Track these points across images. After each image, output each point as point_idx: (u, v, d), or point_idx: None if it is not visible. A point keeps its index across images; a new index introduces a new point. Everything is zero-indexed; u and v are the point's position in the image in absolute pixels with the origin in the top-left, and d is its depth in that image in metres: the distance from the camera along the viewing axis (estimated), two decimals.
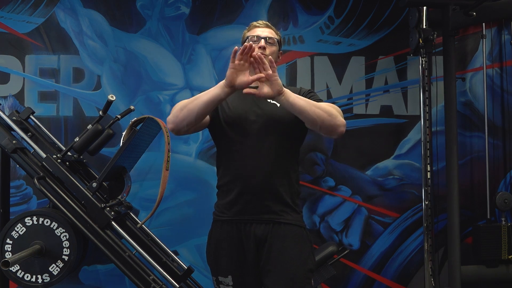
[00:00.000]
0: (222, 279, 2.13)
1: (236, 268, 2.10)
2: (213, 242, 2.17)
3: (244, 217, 2.09)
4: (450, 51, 3.54)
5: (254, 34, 2.16)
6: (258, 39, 2.13)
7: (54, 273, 2.74)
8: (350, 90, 3.74)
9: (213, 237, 2.18)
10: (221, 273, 2.13)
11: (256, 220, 2.09)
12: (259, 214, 2.09)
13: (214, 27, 3.69)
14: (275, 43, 2.17)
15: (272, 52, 2.15)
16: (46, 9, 3.62)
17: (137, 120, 2.76)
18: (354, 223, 3.70)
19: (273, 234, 2.08)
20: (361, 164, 3.71)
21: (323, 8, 3.75)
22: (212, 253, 2.17)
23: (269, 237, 2.08)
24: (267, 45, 2.13)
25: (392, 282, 3.70)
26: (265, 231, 2.08)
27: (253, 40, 2.14)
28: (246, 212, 2.09)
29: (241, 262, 2.10)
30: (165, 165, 2.62)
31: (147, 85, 3.64)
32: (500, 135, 3.79)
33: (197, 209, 3.60)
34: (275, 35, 2.20)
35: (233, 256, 2.10)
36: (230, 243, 2.11)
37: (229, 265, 2.11)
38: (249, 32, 2.20)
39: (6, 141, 2.84)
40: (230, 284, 2.11)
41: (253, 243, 2.08)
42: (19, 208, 3.48)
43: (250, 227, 2.09)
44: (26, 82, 3.61)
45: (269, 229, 2.08)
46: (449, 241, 3.51)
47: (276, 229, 2.08)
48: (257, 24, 2.21)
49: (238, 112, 2.12)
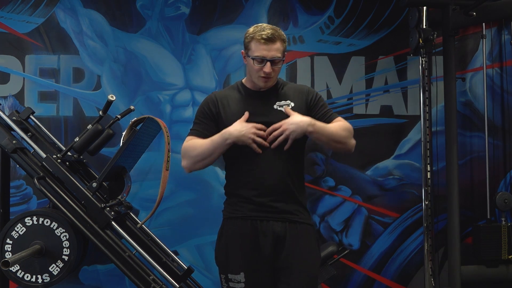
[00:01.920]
0: (233, 276, 2.11)
1: (250, 265, 2.10)
2: (224, 239, 2.17)
3: (260, 215, 2.11)
4: (450, 51, 3.54)
5: (259, 54, 2.09)
6: (263, 63, 2.10)
7: (54, 273, 2.74)
8: (350, 90, 3.74)
9: (224, 234, 2.18)
10: (232, 270, 2.12)
11: (272, 218, 2.11)
12: (274, 213, 2.11)
13: (214, 27, 3.69)
14: (281, 60, 2.14)
15: (278, 70, 2.15)
16: (46, 9, 3.61)
17: (137, 120, 2.76)
18: (354, 223, 3.70)
19: (292, 233, 2.11)
20: (361, 164, 3.71)
21: (323, 8, 3.75)
22: (223, 250, 2.16)
23: (288, 235, 2.10)
24: (273, 67, 2.11)
25: (392, 282, 3.70)
26: (283, 228, 2.11)
27: (258, 60, 2.10)
28: (261, 211, 2.11)
29: (255, 258, 2.09)
30: (165, 165, 2.63)
31: (147, 85, 3.64)
32: (500, 135, 3.79)
33: (197, 209, 3.60)
34: (280, 47, 2.12)
35: (247, 253, 2.10)
36: (244, 240, 2.11)
37: (242, 261, 2.10)
38: (254, 46, 2.10)
39: (6, 141, 2.84)
40: (241, 281, 2.09)
41: (271, 239, 2.09)
42: (19, 208, 3.48)
43: (267, 223, 2.10)
44: (26, 82, 3.61)
45: (286, 227, 2.11)
46: (449, 241, 3.51)
47: (292, 228, 2.12)
48: (261, 40, 2.08)
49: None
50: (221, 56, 3.68)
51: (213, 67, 3.67)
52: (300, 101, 2.19)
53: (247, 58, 2.15)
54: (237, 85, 2.26)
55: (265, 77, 2.11)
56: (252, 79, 2.17)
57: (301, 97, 2.20)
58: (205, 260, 3.57)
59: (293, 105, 2.17)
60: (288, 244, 2.10)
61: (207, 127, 2.17)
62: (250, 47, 2.12)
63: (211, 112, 2.18)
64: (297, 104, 2.17)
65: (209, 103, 2.20)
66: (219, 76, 3.65)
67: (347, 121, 2.22)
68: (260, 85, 2.15)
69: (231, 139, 2.07)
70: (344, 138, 2.15)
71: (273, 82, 2.18)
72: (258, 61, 2.09)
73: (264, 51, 2.08)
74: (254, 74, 2.14)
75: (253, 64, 2.11)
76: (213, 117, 2.18)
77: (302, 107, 2.17)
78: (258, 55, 2.09)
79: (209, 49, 3.69)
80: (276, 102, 2.17)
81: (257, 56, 2.09)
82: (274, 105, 2.16)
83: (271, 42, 2.08)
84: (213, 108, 2.18)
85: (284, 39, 2.15)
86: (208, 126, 2.17)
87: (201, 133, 2.17)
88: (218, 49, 3.69)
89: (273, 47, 2.09)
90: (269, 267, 2.11)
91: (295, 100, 2.19)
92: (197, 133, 2.18)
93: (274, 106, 2.16)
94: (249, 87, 2.21)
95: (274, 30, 2.11)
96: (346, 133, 2.16)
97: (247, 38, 2.13)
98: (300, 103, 2.18)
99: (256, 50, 2.09)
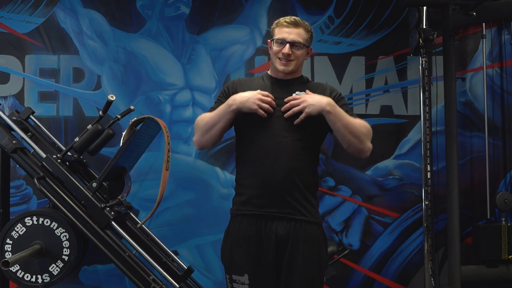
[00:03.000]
0: (237, 278, 2.10)
1: (254, 267, 2.09)
2: (229, 239, 2.16)
3: (265, 211, 2.09)
4: (450, 51, 3.54)
5: (280, 36, 2.13)
6: (284, 43, 2.12)
7: (54, 273, 2.74)
8: (350, 90, 3.74)
9: (230, 234, 2.17)
10: (237, 272, 2.11)
11: (277, 217, 2.08)
12: (280, 208, 2.08)
13: (214, 27, 3.69)
14: (302, 47, 2.14)
15: (299, 56, 2.15)
16: (46, 9, 3.61)
17: (137, 120, 2.76)
18: (354, 223, 3.70)
19: (295, 235, 2.08)
20: (361, 164, 3.71)
21: (323, 8, 3.75)
22: (228, 251, 2.16)
23: (291, 238, 2.08)
24: (293, 50, 2.12)
25: (392, 282, 3.70)
26: (287, 230, 2.08)
27: (278, 42, 2.13)
28: (267, 206, 2.08)
29: (259, 261, 2.08)
30: (165, 165, 2.63)
31: (147, 85, 3.64)
32: (500, 135, 3.79)
33: (197, 209, 3.60)
34: (304, 35, 2.14)
35: (251, 254, 2.09)
36: (248, 241, 2.10)
37: (246, 263, 2.09)
38: (277, 30, 2.15)
39: (6, 141, 2.84)
40: (245, 283, 2.08)
41: (274, 242, 2.08)
42: (19, 208, 3.48)
43: (271, 225, 2.08)
44: (26, 82, 3.61)
45: (290, 228, 2.08)
46: (449, 241, 3.51)
47: (297, 229, 2.09)
48: (284, 23, 2.14)
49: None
50: (221, 56, 3.68)
51: (213, 67, 3.67)
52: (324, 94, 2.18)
53: (271, 44, 2.17)
54: (262, 76, 2.29)
55: (284, 60, 2.12)
56: (273, 65, 2.19)
57: (323, 93, 2.20)
58: (205, 260, 3.57)
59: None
60: (290, 247, 2.08)
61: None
62: (274, 32, 2.17)
63: (229, 93, 2.20)
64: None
65: (232, 84, 2.25)
66: (219, 76, 3.65)
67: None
68: (279, 69, 2.15)
69: (235, 105, 2.07)
70: (362, 135, 2.11)
71: (294, 68, 2.17)
72: (278, 43, 2.12)
73: (285, 33, 2.12)
74: (274, 58, 2.16)
75: (273, 46, 2.15)
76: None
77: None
78: (279, 37, 2.12)
79: (209, 49, 3.69)
80: (296, 90, 2.17)
81: (278, 38, 2.13)
82: (293, 94, 2.15)
83: (294, 26, 2.13)
84: (232, 90, 2.21)
85: (310, 29, 2.18)
86: None
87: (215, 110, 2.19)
88: (218, 49, 3.69)
89: (295, 31, 2.12)
90: (273, 269, 2.09)
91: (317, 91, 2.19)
92: (211, 110, 2.21)
93: (294, 94, 2.15)
94: (273, 76, 2.23)
95: (300, 19, 2.16)
96: (365, 131, 2.13)
97: (273, 25, 2.19)
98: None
99: (278, 33, 2.14)
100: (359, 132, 2.10)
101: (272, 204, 2.08)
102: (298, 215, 2.10)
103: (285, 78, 2.21)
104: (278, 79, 2.21)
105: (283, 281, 2.09)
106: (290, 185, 2.08)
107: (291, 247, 2.08)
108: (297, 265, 2.07)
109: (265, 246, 2.08)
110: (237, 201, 2.19)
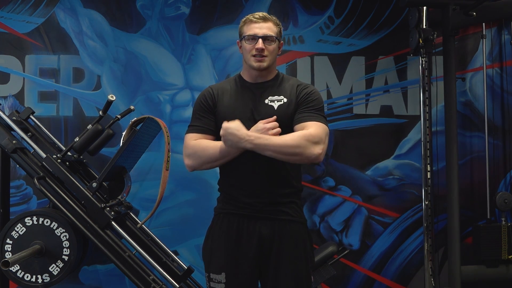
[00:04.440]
0: (214, 276, 2.09)
1: (232, 266, 2.07)
2: (210, 237, 2.15)
3: (248, 211, 2.08)
4: (450, 51, 3.54)
5: (251, 32, 2.08)
6: (255, 39, 2.08)
7: (54, 273, 2.74)
8: (350, 90, 3.74)
9: (211, 232, 2.16)
10: (214, 270, 2.10)
11: (260, 217, 2.07)
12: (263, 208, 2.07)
13: (214, 27, 3.69)
14: (274, 40, 2.10)
15: (272, 50, 2.10)
16: (46, 9, 3.61)
17: (137, 120, 2.76)
18: (354, 223, 3.70)
19: (278, 234, 2.07)
20: (361, 164, 3.71)
21: (323, 8, 3.75)
22: (208, 249, 2.15)
23: (276, 237, 2.06)
24: (266, 45, 2.08)
25: (392, 282, 3.70)
26: (271, 229, 2.07)
27: (250, 39, 2.09)
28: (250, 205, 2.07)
29: (237, 260, 2.07)
30: (165, 165, 2.63)
31: (147, 85, 3.64)
32: (500, 135, 3.79)
33: (197, 209, 3.60)
34: (274, 28, 2.11)
35: (229, 254, 2.08)
36: (228, 239, 2.09)
37: (224, 262, 2.08)
38: (246, 27, 2.12)
39: (6, 141, 2.85)
40: (222, 281, 2.07)
41: (256, 241, 2.06)
42: (19, 208, 3.48)
43: (254, 225, 2.07)
44: (26, 82, 3.61)
45: (274, 227, 2.07)
46: (449, 241, 3.51)
47: (281, 228, 2.07)
48: (253, 19, 2.11)
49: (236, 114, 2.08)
50: (221, 56, 3.68)
51: (213, 67, 3.67)
52: (292, 97, 2.12)
53: (241, 43, 2.14)
54: (234, 78, 2.22)
55: (258, 56, 2.07)
56: (247, 64, 2.12)
57: (294, 93, 2.12)
58: None
59: (285, 101, 2.10)
60: (275, 247, 2.06)
61: (207, 121, 2.13)
62: (242, 30, 2.13)
63: (209, 105, 2.14)
64: (289, 100, 2.11)
65: (206, 96, 2.16)
66: (219, 76, 3.65)
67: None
68: (255, 66, 2.08)
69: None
70: (294, 149, 1.95)
71: (267, 62, 2.09)
72: (250, 40, 2.08)
73: (256, 29, 2.08)
74: (247, 56, 2.10)
75: (245, 44, 2.09)
76: (211, 110, 2.13)
77: (292, 102, 2.11)
78: (250, 33, 2.08)
79: (209, 49, 3.69)
80: (269, 96, 2.12)
81: (248, 34, 2.08)
82: (266, 100, 2.11)
83: (263, 21, 2.10)
84: (210, 102, 2.14)
85: (278, 23, 2.14)
86: (208, 120, 2.13)
87: (203, 129, 2.13)
88: (218, 49, 3.69)
89: (265, 25, 2.09)
90: (253, 270, 2.07)
91: (289, 95, 2.12)
92: (198, 130, 2.14)
93: (266, 101, 2.11)
94: (245, 79, 2.17)
95: (267, 14, 2.13)
96: (300, 143, 1.96)
97: (241, 24, 2.15)
98: (292, 98, 2.11)
99: (248, 30, 2.10)
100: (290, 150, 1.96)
101: (255, 204, 2.07)
102: (282, 215, 2.09)
103: (258, 81, 2.14)
104: (251, 83, 2.15)
105: (269, 282, 2.08)
106: (273, 187, 2.08)
107: (276, 247, 2.06)
108: (283, 265, 2.06)
109: (246, 246, 2.07)
110: (221, 200, 2.18)
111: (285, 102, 2.10)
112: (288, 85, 2.16)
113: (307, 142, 1.97)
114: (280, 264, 2.06)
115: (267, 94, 2.12)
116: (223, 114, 2.10)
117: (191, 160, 2.11)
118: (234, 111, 2.09)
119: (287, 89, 2.14)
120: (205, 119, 2.14)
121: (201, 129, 2.13)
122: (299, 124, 2.05)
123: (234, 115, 2.06)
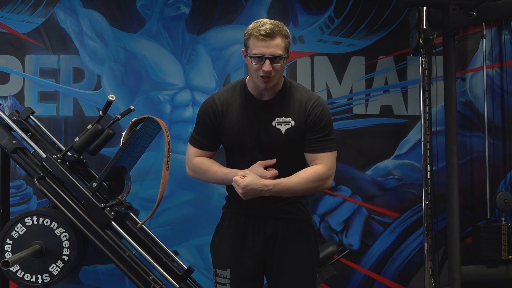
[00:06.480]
0: (220, 272, 2.13)
1: (236, 263, 2.10)
2: (218, 234, 2.19)
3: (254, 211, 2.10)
4: (450, 51, 3.54)
5: (257, 52, 1.92)
6: (263, 59, 1.93)
7: (54, 273, 2.74)
8: (350, 90, 3.74)
9: (220, 229, 2.19)
10: (220, 266, 2.13)
11: (266, 216, 2.10)
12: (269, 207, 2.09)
13: (214, 27, 3.69)
14: (282, 58, 1.95)
15: (279, 69, 1.97)
16: (46, 9, 3.61)
17: (137, 120, 2.76)
18: (354, 223, 3.70)
19: (282, 232, 2.09)
20: (361, 164, 3.71)
21: (323, 8, 3.75)
22: (216, 245, 2.19)
23: (280, 235, 2.09)
24: (273, 64, 1.94)
25: (392, 282, 3.70)
26: (276, 228, 2.10)
27: (256, 60, 1.94)
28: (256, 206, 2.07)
29: (242, 257, 2.10)
30: (165, 165, 2.63)
31: (147, 85, 3.64)
32: (500, 135, 3.79)
33: (197, 209, 3.60)
34: (282, 44, 1.94)
35: (235, 251, 2.11)
36: (234, 237, 2.12)
37: (229, 258, 2.11)
38: (252, 43, 1.95)
39: (6, 141, 2.85)
40: (227, 277, 2.10)
41: (261, 240, 2.09)
42: (19, 208, 3.48)
43: (260, 224, 2.10)
44: (26, 82, 3.61)
45: (279, 226, 2.10)
46: (449, 241, 3.51)
47: (284, 227, 2.10)
48: (259, 36, 1.91)
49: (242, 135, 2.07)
50: (221, 56, 3.68)
51: (213, 67, 3.67)
52: (300, 120, 2.05)
53: (247, 57, 2.00)
54: (239, 87, 2.12)
55: (265, 77, 1.95)
56: (252, 79, 2.04)
57: (303, 114, 2.05)
58: (205, 260, 3.57)
59: (293, 124, 2.04)
60: (279, 245, 2.09)
61: (209, 139, 2.12)
62: (248, 44, 1.96)
63: (212, 123, 2.09)
64: (297, 123, 2.05)
65: (210, 113, 2.09)
66: (219, 76, 3.65)
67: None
68: (261, 86, 2.00)
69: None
70: (309, 190, 2.07)
71: (275, 81, 2.01)
72: (257, 59, 1.93)
73: (262, 48, 1.92)
74: (253, 74, 1.99)
75: (251, 62, 1.96)
76: (214, 127, 2.10)
77: (301, 126, 2.05)
78: (256, 52, 1.92)
79: (209, 49, 3.68)
80: (276, 117, 2.05)
81: (255, 53, 1.93)
82: (273, 122, 2.05)
83: (270, 38, 1.91)
84: (214, 120, 2.08)
85: (286, 34, 1.97)
86: (210, 138, 2.12)
87: (204, 146, 2.13)
88: (218, 49, 3.68)
89: (272, 43, 1.92)
90: (257, 267, 2.11)
91: (296, 117, 2.05)
92: (200, 145, 2.13)
93: (273, 123, 2.05)
94: (251, 91, 2.08)
95: (274, 25, 1.94)
96: (314, 184, 2.04)
97: (246, 35, 1.97)
98: (300, 121, 2.05)
99: (254, 47, 1.94)
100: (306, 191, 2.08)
101: (260, 204, 2.08)
102: (286, 214, 2.12)
103: (264, 98, 2.06)
104: (257, 100, 2.07)
105: (273, 279, 2.10)
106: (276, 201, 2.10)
107: (279, 245, 2.09)
108: (287, 262, 2.08)
109: (251, 244, 2.10)
110: (228, 199, 2.22)
111: (292, 126, 2.05)
112: (296, 101, 2.07)
113: (321, 182, 2.07)
114: (284, 261, 2.09)
115: (274, 114, 2.06)
116: (229, 133, 2.09)
117: (191, 172, 2.19)
118: (241, 132, 2.07)
119: (295, 107, 2.06)
120: (207, 137, 2.13)
121: (203, 145, 2.14)
122: (311, 154, 2.07)
123: (241, 136, 2.07)
